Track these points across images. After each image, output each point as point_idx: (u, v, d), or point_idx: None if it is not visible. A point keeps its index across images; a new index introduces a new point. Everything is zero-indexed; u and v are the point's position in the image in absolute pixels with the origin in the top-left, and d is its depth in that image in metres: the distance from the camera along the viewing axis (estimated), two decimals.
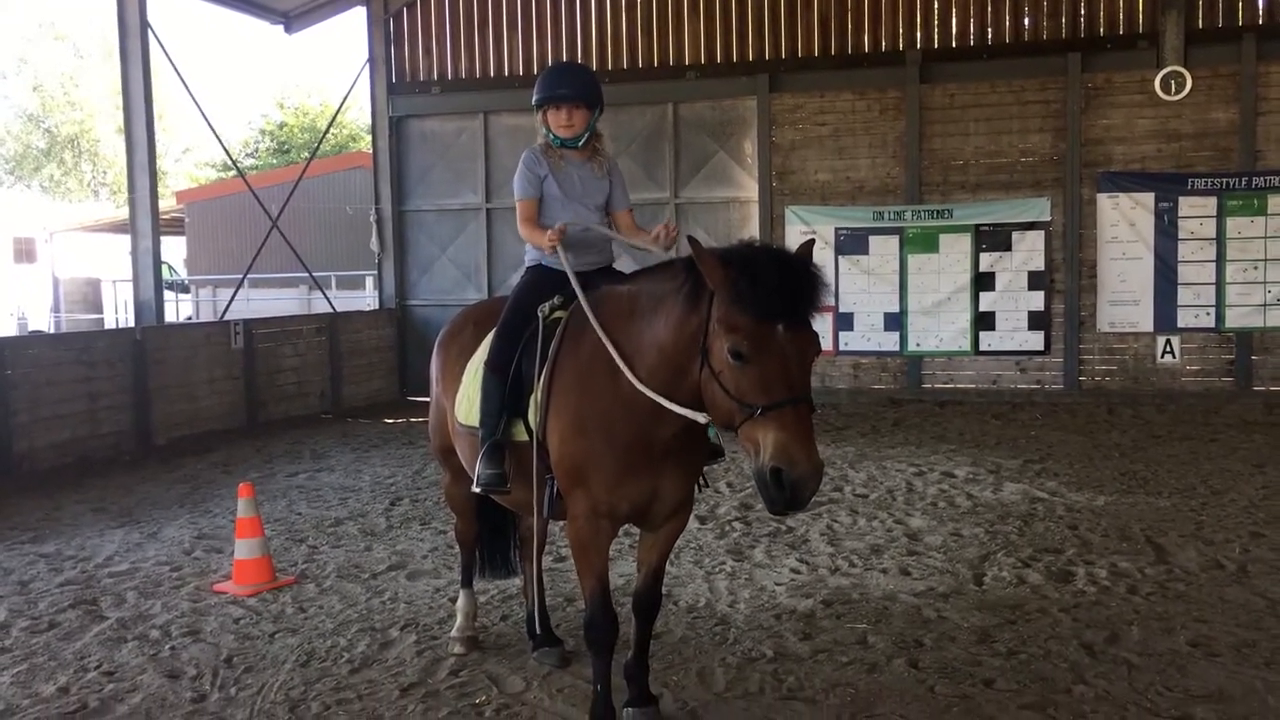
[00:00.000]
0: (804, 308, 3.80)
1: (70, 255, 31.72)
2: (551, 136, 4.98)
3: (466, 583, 5.68)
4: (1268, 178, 13.33)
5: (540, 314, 4.67)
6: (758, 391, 3.72)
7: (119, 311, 26.67)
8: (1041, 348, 14.15)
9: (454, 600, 5.89)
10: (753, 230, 15.03)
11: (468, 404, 4.89)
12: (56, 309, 28.78)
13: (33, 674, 5.35)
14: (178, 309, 25.44)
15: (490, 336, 4.86)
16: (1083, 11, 14.10)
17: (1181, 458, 10.30)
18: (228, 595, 6.55)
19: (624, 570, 6.71)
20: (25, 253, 33.51)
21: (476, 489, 4.72)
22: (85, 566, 7.28)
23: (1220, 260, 13.55)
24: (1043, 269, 14.06)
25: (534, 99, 5.00)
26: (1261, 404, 13.21)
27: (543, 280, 4.90)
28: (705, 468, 4.66)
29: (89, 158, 48.41)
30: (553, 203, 4.95)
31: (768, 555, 7.16)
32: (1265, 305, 13.44)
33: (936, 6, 14.62)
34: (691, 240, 3.96)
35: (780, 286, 3.75)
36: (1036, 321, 14.13)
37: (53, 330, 25.20)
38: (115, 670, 5.38)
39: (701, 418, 4.04)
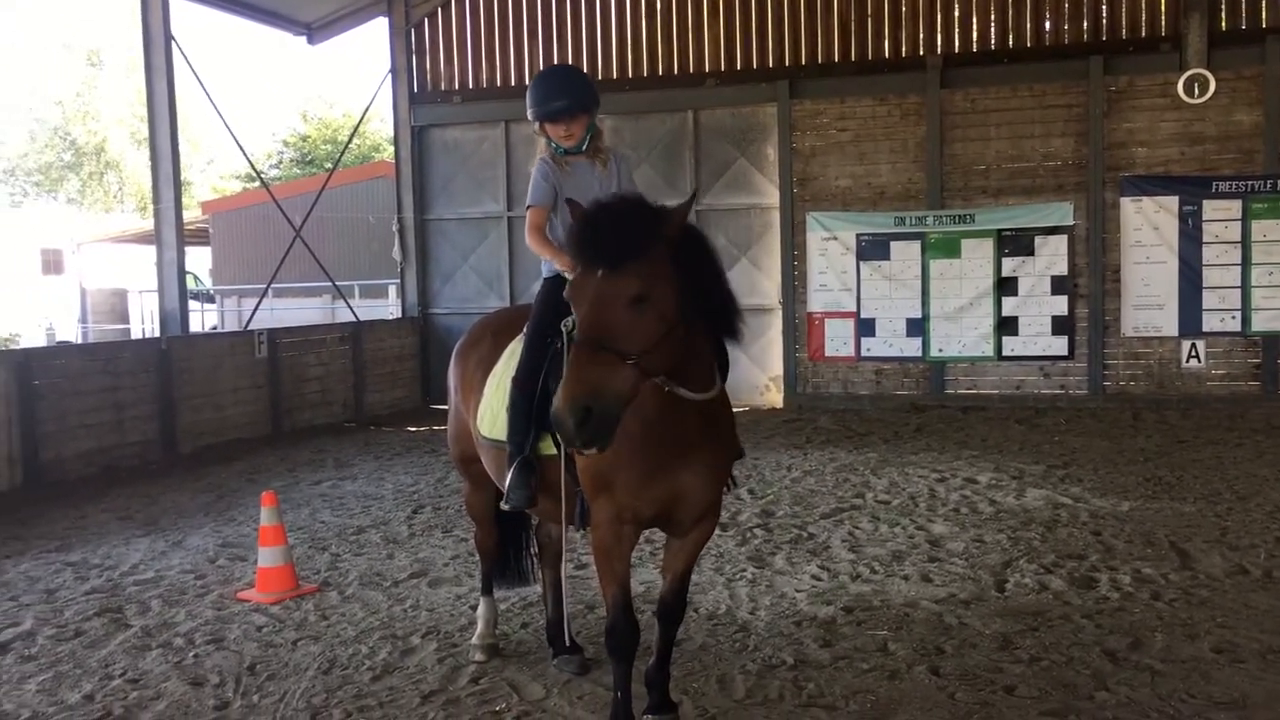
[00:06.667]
0: (603, 254, 3.84)
1: (97, 266, 32.02)
2: (555, 146, 5.01)
3: (487, 590, 5.70)
4: None
5: (564, 328, 4.66)
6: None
7: (145, 322, 26.90)
8: (1065, 353, 14.06)
9: (475, 608, 5.92)
10: (774, 237, 15.06)
11: (491, 417, 4.91)
12: (84, 320, 29.06)
13: (58, 682, 5.40)
14: (203, 319, 25.63)
15: (511, 348, 4.89)
16: (1104, 15, 14.05)
17: (1207, 463, 10.22)
18: (251, 603, 6.59)
19: (644, 578, 6.73)
20: (53, 264, 33.89)
21: (506, 507, 4.74)
22: (111, 575, 7.34)
23: (1245, 264, 13.43)
24: (1066, 273, 13.98)
25: (529, 114, 5.00)
26: None
27: (560, 291, 4.91)
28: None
29: (114, 169, 48.85)
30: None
31: (788, 562, 7.15)
32: None
33: (957, 11, 14.60)
34: (569, 202, 4.23)
35: (584, 237, 3.91)
36: (1060, 326, 14.05)
37: (80, 341, 25.44)
38: (140, 678, 5.43)
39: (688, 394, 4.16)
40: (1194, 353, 13.64)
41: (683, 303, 3.93)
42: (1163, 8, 13.86)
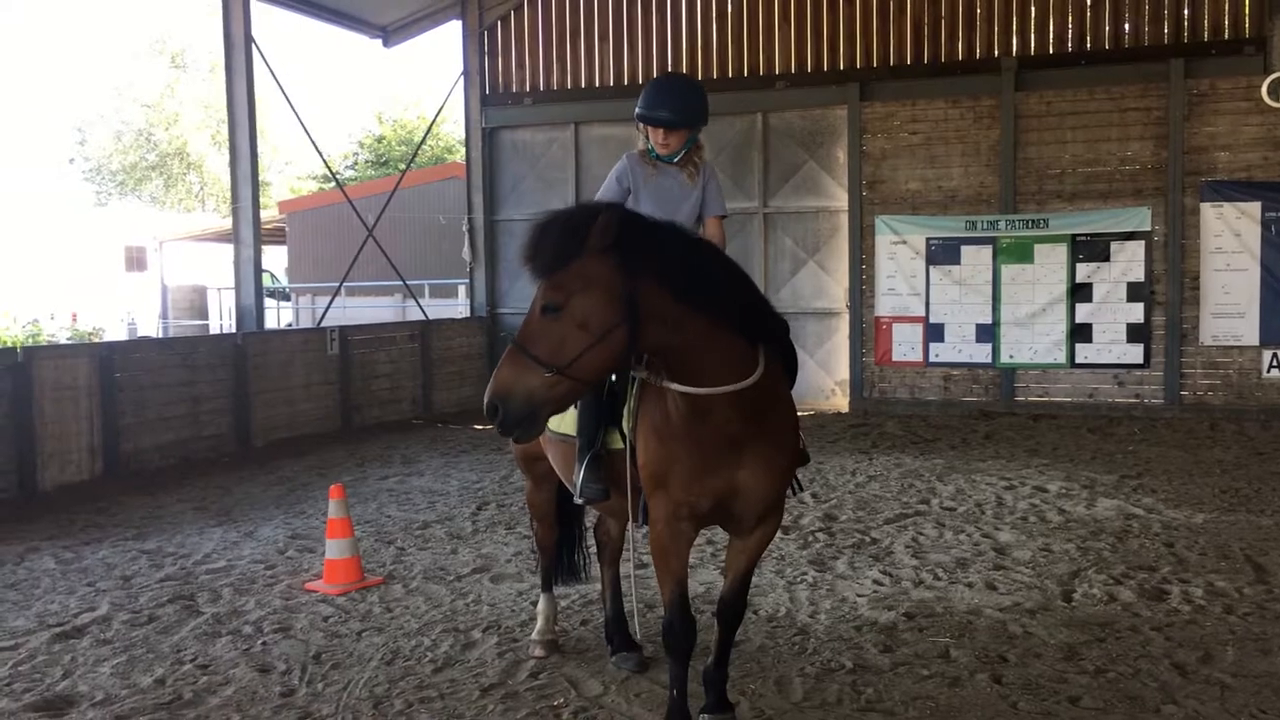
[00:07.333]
0: (528, 267, 3.99)
1: (178, 263, 32.72)
2: (650, 149, 5.08)
3: (547, 587, 5.75)
4: None
5: None
6: None
7: (223, 318, 27.45)
8: (1141, 361, 13.78)
9: (535, 603, 5.96)
10: (842, 240, 14.96)
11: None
12: (165, 315, 29.72)
13: (131, 665, 5.55)
14: (278, 316, 26.06)
15: None
16: (1186, 17, 13.74)
17: None
18: (318, 594, 6.71)
19: (704, 578, 6.73)
20: (136, 261, 34.72)
21: (579, 501, 4.78)
22: (184, 563, 7.52)
23: None
24: (1143, 280, 13.70)
25: (635, 110, 5.05)
26: None
27: None
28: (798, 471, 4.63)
29: (195, 170, 50.01)
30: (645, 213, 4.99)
31: (850, 566, 7.11)
32: None
33: (1033, 12, 14.38)
34: None
35: (521, 249, 4.01)
36: (1136, 334, 13.77)
37: (161, 336, 26.02)
38: (209, 664, 5.56)
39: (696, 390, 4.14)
40: (1275, 362, 13.28)
41: (629, 309, 3.87)
42: (1246, 9, 13.53)
